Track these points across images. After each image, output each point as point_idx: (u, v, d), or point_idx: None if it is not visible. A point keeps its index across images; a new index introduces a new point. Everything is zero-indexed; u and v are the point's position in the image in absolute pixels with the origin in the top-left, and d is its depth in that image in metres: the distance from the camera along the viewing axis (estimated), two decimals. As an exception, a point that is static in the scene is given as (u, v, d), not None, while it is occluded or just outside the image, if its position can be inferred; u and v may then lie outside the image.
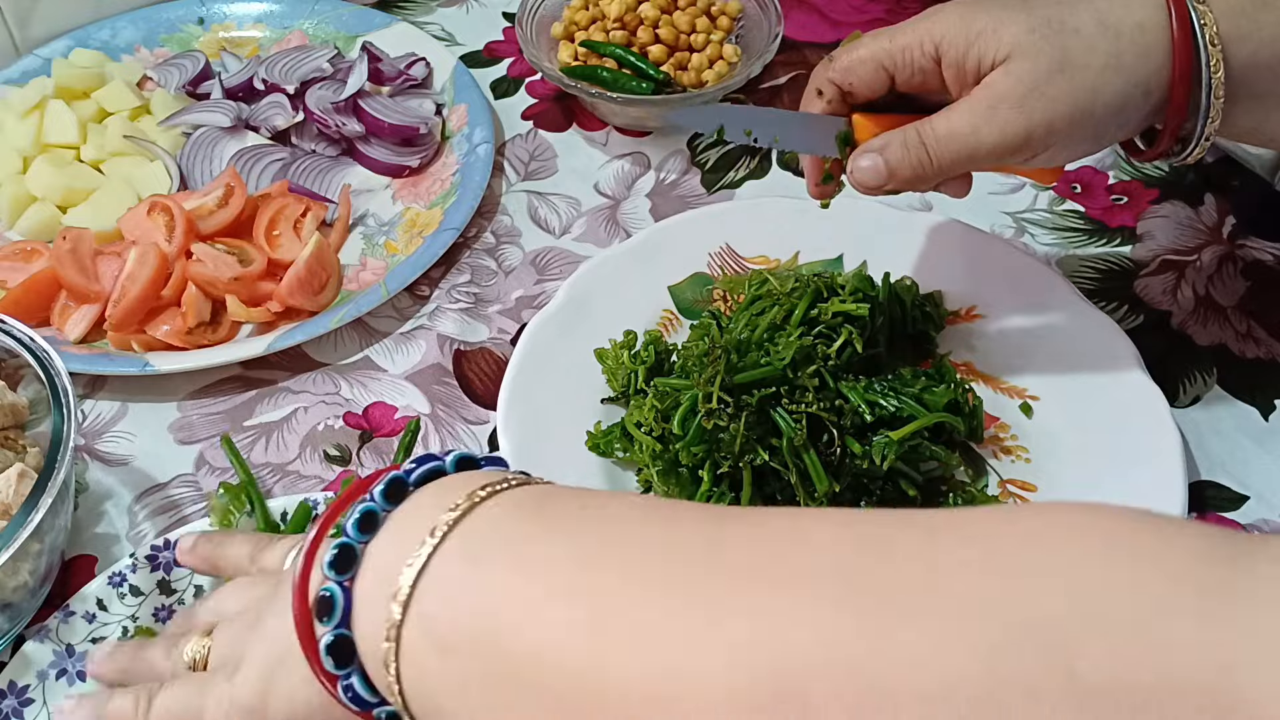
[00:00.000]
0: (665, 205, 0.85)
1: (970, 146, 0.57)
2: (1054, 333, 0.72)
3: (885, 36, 0.60)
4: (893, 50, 0.60)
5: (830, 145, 0.63)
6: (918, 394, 0.64)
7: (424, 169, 0.87)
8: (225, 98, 0.90)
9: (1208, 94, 0.56)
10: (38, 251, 0.79)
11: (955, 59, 0.58)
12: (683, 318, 0.75)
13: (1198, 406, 0.72)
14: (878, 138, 0.60)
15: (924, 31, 0.59)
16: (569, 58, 0.89)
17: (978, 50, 0.57)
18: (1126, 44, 0.56)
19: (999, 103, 0.56)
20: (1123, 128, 0.58)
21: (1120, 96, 0.56)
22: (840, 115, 0.63)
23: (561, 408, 0.69)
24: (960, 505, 0.65)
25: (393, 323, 0.78)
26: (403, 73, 0.91)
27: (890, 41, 0.60)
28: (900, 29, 0.60)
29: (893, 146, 0.59)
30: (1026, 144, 0.57)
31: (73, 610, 0.60)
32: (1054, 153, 0.58)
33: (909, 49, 0.59)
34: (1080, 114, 0.56)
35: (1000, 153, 0.57)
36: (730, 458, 0.62)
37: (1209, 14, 0.55)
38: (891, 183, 0.60)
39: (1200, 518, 0.67)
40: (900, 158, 0.59)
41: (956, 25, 0.58)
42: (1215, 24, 0.55)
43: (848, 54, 0.61)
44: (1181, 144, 0.60)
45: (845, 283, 0.69)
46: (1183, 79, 0.56)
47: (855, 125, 0.62)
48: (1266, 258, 0.80)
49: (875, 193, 0.61)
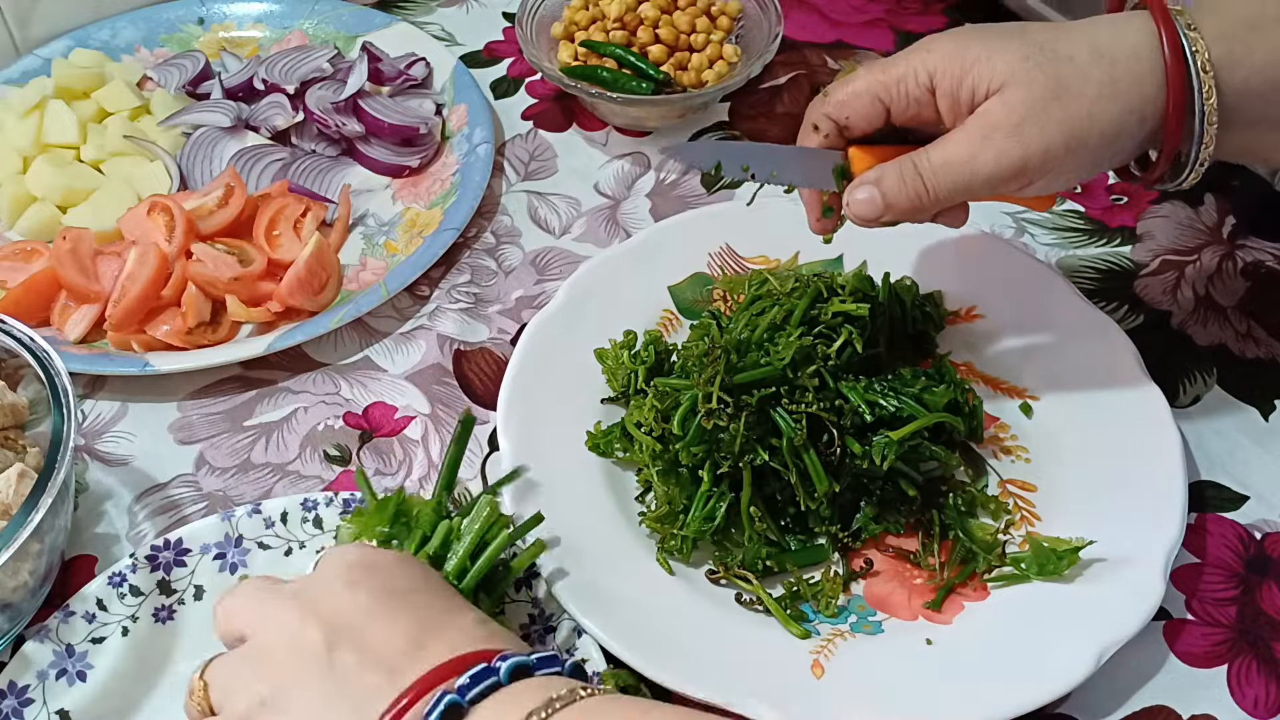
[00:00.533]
0: (665, 205, 0.85)
1: (966, 175, 0.57)
2: (1054, 333, 0.72)
3: (879, 69, 0.60)
4: (887, 82, 0.59)
5: (828, 179, 0.62)
6: (918, 394, 0.64)
7: (424, 169, 0.87)
8: (225, 98, 0.90)
9: (1201, 120, 0.56)
10: (38, 251, 0.79)
11: (950, 89, 0.58)
12: (683, 318, 0.75)
13: (1198, 406, 0.72)
14: (872, 170, 0.60)
15: (918, 62, 0.59)
16: (569, 58, 0.89)
17: (972, 79, 0.57)
18: (1121, 71, 0.56)
19: (994, 131, 0.56)
20: (1118, 154, 0.58)
21: (1115, 124, 0.56)
22: (837, 149, 0.62)
23: (561, 408, 0.69)
24: (960, 505, 0.65)
25: (393, 323, 0.78)
26: (403, 73, 0.91)
27: (884, 74, 0.60)
28: (894, 61, 0.60)
29: (888, 178, 0.59)
30: (1023, 171, 0.57)
31: (73, 610, 0.60)
32: (1050, 180, 0.58)
33: (903, 80, 0.59)
34: (1076, 141, 0.56)
35: (996, 181, 0.57)
36: (730, 458, 0.62)
37: (1200, 40, 0.55)
38: (888, 214, 0.59)
39: (1200, 517, 0.67)
40: (896, 189, 0.59)
41: (950, 55, 0.58)
42: (1206, 50, 0.55)
43: (842, 88, 0.61)
44: (1175, 170, 0.59)
45: (845, 283, 0.69)
46: (1177, 107, 0.56)
47: (852, 159, 0.62)
48: (1266, 258, 0.80)
49: (873, 225, 0.61)
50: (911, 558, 0.64)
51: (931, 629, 0.61)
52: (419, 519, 0.59)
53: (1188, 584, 0.64)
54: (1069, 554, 0.61)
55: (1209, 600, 0.64)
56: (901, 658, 0.60)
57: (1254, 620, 0.63)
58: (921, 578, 0.64)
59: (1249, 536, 0.66)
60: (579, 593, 0.60)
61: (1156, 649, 0.62)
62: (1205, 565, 0.65)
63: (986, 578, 0.63)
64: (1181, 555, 0.64)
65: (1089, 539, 0.62)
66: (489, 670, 0.45)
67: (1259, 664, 0.61)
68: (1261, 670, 0.61)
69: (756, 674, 0.58)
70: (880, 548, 0.65)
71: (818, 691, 0.58)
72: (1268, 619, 0.63)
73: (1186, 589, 0.64)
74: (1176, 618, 0.63)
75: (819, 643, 0.60)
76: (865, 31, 0.98)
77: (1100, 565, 0.61)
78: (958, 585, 0.63)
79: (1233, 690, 0.60)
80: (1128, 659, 0.59)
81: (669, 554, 0.63)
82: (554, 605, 0.61)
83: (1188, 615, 0.63)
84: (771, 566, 0.63)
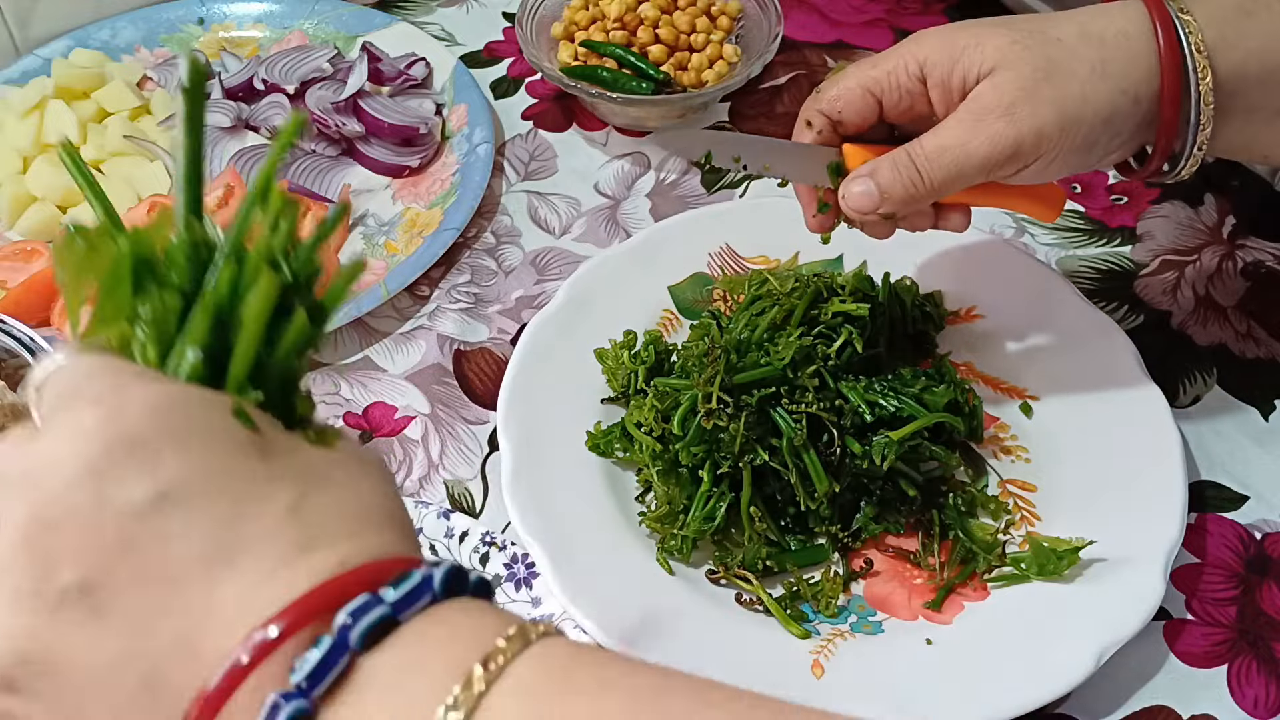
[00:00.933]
0: (665, 205, 0.85)
1: (960, 160, 0.57)
2: (1054, 333, 0.72)
3: (869, 64, 0.60)
4: (878, 76, 0.60)
5: (822, 175, 0.62)
6: (918, 394, 0.64)
7: (424, 169, 0.87)
8: (225, 98, 0.90)
9: (1196, 103, 0.56)
10: (38, 251, 0.79)
11: (941, 77, 0.58)
12: (683, 318, 0.75)
13: (1198, 406, 0.72)
14: (867, 163, 0.60)
15: (907, 54, 0.59)
16: (569, 58, 0.89)
17: (962, 66, 0.57)
18: (1111, 51, 0.56)
19: (986, 114, 0.56)
20: (1114, 138, 0.58)
21: (1109, 104, 0.56)
22: (831, 146, 0.62)
23: (561, 408, 0.69)
24: (960, 505, 0.65)
25: (393, 323, 0.78)
26: (403, 73, 0.91)
27: (875, 68, 0.60)
28: (884, 55, 0.60)
29: (883, 168, 0.59)
30: (1017, 154, 0.56)
31: (73, 610, 0.60)
32: (1045, 164, 0.58)
33: (894, 73, 0.59)
34: (1069, 121, 0.56)
35: (991, 165, 0.57)
36: (730, 458, 0.62)
37: (1192, 22, 0.55)
38: (885, 205, 0.59)
39: (1200, 517, 0.67)
40: (891, 179, 0.59)
41: (939, 45, 0.58)
42: (1200, 31, 0.55)
43: (834, 84, 0.61)
44: (1172, 163, 0.59)
45: (845, 283, 0.69)
46: (1172, 88, 0.56)
47: (846, 154, 0.62)
48: (1266, 258, 0.80)
49: (869, 218, 0.61)
50: (911, 558, 0.64)
51: (931, 629, 0.61)
52: (171, 264, 0.37)
53: (1188, 584, 0.64)
54: (1069, 554, 0.61)
55: (1209, 600, 0.64)
56: (901, 658, 0.60)
57: (1254, 620, 0.63)
58: (921, 578, 0.64)
59: (1249, 536, 0.66)
60: (578, 592, 0.60)
61: (1156, 649, 0.62)
62: (1205, 565, 0.65)
63: (986, 578, 0.63)
64: (1181, 555, 0.64)
65: (1089, 539, 0.62)
66: (420, 586, 0.33)
67: (1259, 664, 0.61)
68: (1261, 670, 0.61)
69: (756, 674, 0.58)
70: (880, 548, 0.65)
71: (818, 691, 0.58)
72: (1268, 619, 0.63)
73: (1186, 589, 0.64)
74: (1176, 618, 0.63)
75: (819, 643, 0.60)
76: (865, 31, 0.98)
77: (1100, 565, 0.61)
78: (958, 585, 0.63)
79: (1233, 690, 0.60)
80: (1128, 659, 0.59)
81: (669, 554, 0.63)
82: (553, 605, 0.61)
83: (1188, 615, 0.63)
84: (771, 566, 0.63)
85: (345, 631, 0.31)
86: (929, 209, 0.62)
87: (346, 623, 0.31)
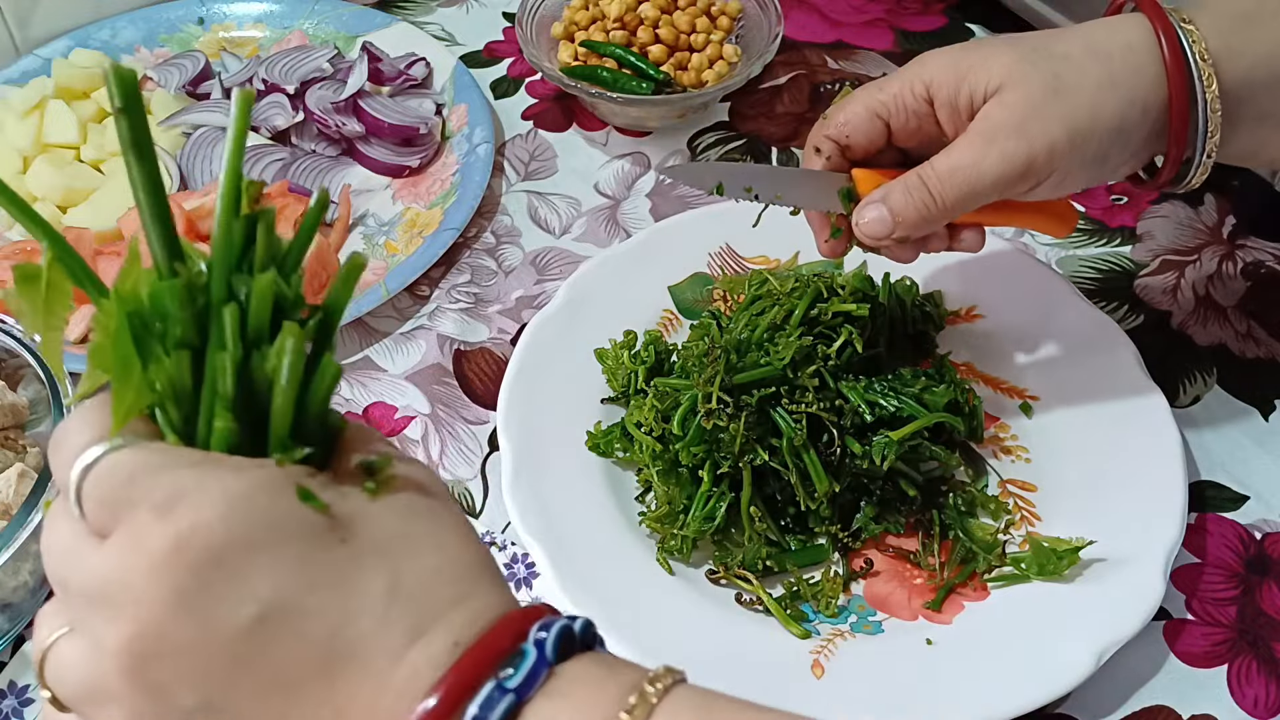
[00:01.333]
0: (665, 205, 0.85)
1: (973, 180, 0.57)
2: (1054, 333, 0.72)
3: (875, 87, 0.60)
4: (884, 99, 0.59)
5: (833, 200, 0.62)
6: (918, 394, 0.64)
7: (424, 169, 0.87)
8: (225, 98, 0.90)
9: (1204, 111, 0.56)
10: (38, 251, 0.79)
11: (948, 98, 0.58)
12: (683, 318, 0.75)
13: (1198, 406, 0.72)
14: (879, 189, 0.60)
15: (913, 75, 0.59)
16: (569, 58, 0.89)
17: (969, 85, 0.57)
18: (1118, 64, 0.56)
19: (997, 133, 0.56)
20: (1125, 150, 0.58)
21: (1118, 116, 0.56)
22: (841, 171, 0.62)
23: (561, 408, 0.69)
24: (960, 505, 0.65)
25: (393, 323, 0.78)
26: (403, 73, 0.91)
27: (881, 91, 0.60)
28: (889, 78, 0.60)
29: (895, 193, 0.59)
30: (1029, 171, 0.56)
31: (73, 610, 0.60)
32: (1058, 180, 0.58)
33: (900, 95, 0.59)
34: (1080, 135, 0.56)
35: (1003, 183, 0.57)
36: (730, 458, 0.62)
37: (1195, 31, 0.55)
38: (899, 229, 0.59)
39: (1200, 517, 0.67)
40: (904, 202, 0.58)
41: (945, 65, 0.58)
42: (1203, 40, 0.55)
43: (841, 109, 0.61)
44: (1181, 172, 0.59)
45: (845, 283, 0.69)
46: (1179, 97, 0.56)
47: (856, 179, 0.61)
48: (1266, 258, 0.80)
49: (884, 243, 0.60)
50: (911, 558, 0.64)
51: (931, 629, 0.61)
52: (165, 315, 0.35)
53: (1188, 584, 0.64)
54: (1069, 554, 0.61)
55: (1209, 600, 0.64)
56: (901, 658, 0.60)
57: (1254, 620, 0.63)
58: (921, 578, 0.64)
59: (1249, 536, 0.66)
60: (579, 592, 0.60)
61: (1156, 649, 0.62)
62: (1205, 565, 0.65)
63: (986, 578, 0.63)
64: (1181, 555, 0.64)
65: (1089, 539, 0.62)
66: (541, 661, 0.33)
67: (1259, 664, 0.61)
68: (1261, 670, 0.61)
69: (756, 674, 0.58)
70: (880, 548, 0.65)
71: (818, 691, 0.58)
72: (1268, 619, 0.63)
73: (1186, 589, 0.64)
74: (1176, 618, 0.63)
75: (819, 643, 0.60)
76: (865, 31, 0.98)
77: (1100, 565, 0.61)
78: (958, 585, 0.63)
79: (1233, 690, 0.60)
80: (1128, 659, 0.59)
81: (669, 554, 0.63)
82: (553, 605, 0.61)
83: (1188, 615, 0.63)
84: (771, 566, 0.63)
85: None
86: (943, 230, 0.62)
87: (477, 716, 0.32)
